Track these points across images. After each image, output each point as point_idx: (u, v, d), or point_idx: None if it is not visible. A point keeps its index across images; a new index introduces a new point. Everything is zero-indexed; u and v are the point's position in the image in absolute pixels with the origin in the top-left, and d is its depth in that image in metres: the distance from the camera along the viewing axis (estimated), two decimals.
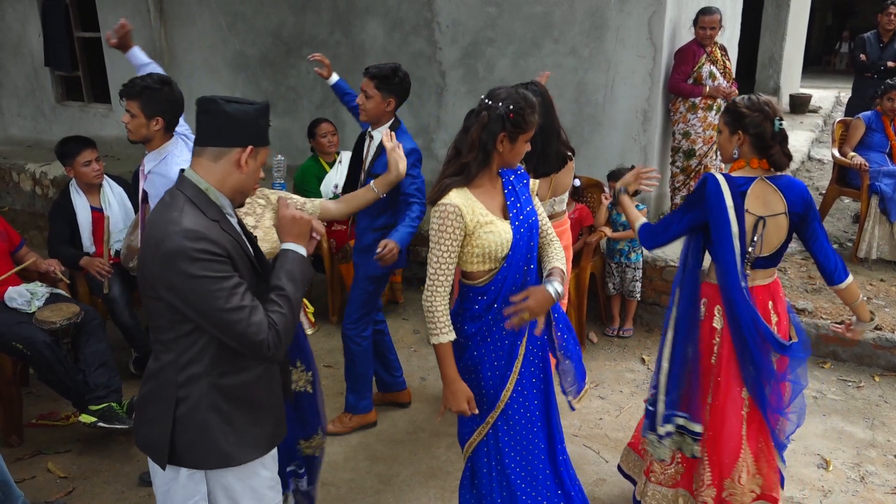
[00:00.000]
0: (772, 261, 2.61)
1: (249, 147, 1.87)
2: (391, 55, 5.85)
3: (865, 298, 4.76)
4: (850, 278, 2.61)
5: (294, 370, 2.69)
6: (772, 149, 2.50)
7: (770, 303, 2.64)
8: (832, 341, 4.32)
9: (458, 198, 2.27)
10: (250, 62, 6.54)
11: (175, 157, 2.94)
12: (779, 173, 2.56)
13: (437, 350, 2.33)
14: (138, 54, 3.46)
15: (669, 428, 2.69)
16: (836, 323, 3.33)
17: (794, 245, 5.73)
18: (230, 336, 1.81)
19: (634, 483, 3.04)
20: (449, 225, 2.25)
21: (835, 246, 5.67)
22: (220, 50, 6.66)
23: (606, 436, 3.64)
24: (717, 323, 2.65)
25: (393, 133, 3.09)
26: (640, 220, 2.81)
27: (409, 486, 3.26)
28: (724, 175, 2.55)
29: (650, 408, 2.77)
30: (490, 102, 2.25)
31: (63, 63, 7.62)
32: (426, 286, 2.31)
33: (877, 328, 4.32)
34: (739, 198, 2.51)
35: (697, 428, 2.67)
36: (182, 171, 1.91)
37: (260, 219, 2.56)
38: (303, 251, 2.00)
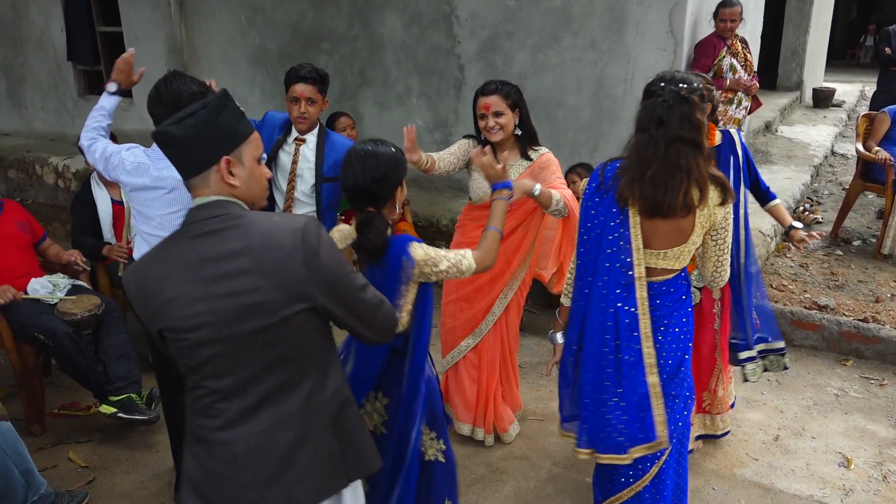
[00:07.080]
0: None
1: (223, 159, 1.61)
2: (410, 49, 5.85)
3: (889, 296, 4.69)
4: None
5: (427, 432, 2.34)
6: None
7: None
8: (854, 339, 4.26)
9: None
10: (269, 56, 6.57)
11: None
12: None
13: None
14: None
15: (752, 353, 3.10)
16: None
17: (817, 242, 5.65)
18: (370, 317, 1.70)
19: None
20: None
21: (858, 242, 5.62)
22: (240, 44, 6.69)
23: None
24: None
25: (482, 148, 2.66)
26: None
27: None
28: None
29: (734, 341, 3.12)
30: (685, 86, 2.07)
31: (85, 58, 7.69)
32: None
33: None
34: None
35: (779, 344, 3.11)
36: (195, 206, 1.63)
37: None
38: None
